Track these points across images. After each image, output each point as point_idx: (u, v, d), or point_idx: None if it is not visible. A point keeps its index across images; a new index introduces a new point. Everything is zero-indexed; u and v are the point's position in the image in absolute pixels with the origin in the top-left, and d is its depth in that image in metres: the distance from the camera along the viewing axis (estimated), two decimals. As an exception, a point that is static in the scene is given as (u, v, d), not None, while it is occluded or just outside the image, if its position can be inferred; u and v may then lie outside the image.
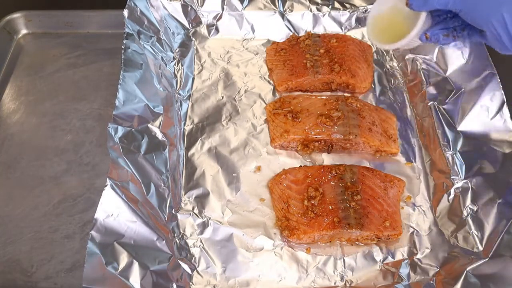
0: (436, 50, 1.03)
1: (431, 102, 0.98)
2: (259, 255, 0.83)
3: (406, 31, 0.80)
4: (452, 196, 0.86)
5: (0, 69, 1.12)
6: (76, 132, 1.01)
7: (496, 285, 0.71)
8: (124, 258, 0.72)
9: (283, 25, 1.15)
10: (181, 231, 0.85)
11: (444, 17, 0.78)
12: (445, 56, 1.02)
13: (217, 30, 1.15)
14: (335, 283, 0.80)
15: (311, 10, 1.14)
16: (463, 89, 0.96)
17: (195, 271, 0.81)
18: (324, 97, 0.99)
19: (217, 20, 1.15)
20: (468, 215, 0.82)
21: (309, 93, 1.05)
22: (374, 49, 1.12)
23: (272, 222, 0.87)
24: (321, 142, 0.94)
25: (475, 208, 0.82)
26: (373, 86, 1.06)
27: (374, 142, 0.93)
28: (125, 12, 1.01)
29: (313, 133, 0.93)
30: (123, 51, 0.96)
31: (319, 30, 1.15)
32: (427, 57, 1.04)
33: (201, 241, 0.84)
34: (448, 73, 1.00)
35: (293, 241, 0.83)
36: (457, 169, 0.88)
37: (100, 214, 0.74)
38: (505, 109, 0.91)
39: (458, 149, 0.90)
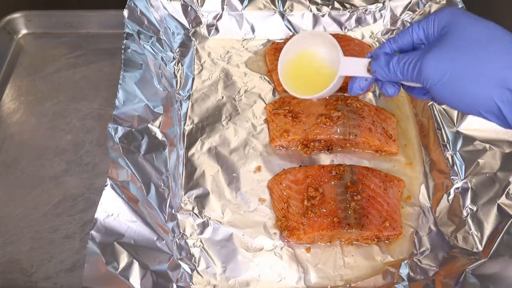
0: (436, 50, 1.03)
1: (431, 102, 0.98)
2: (259, 255, 0.83)
3: (325, 75, 0.76)
4: (452, 196, 0.86)
5: (0, 69, 1.12)
6: (76, 132, 1.01)
7: (495, 285, 0.71)
8: (124, 258, 0.72)
9: (283, 25, 1.15)
10: (181, 231, 0.85)
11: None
12: (445, 56, 1.02)
13: (217, 30, 1.15)
14: (335, 283, 0.80)
15: (311, 10, 1.14)
16: (463, 89, 0.96)
17: (195, 271, 0.81)
18: (324, 97, 1.00)
19: (217, 20, 1.15)
20: (468, 215, 0.82)
21: (309, 93, 1.05)
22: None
23: (272, 222, 0.87)
24: (321, 142, 0.94)
25: (474, 208, 0.82)
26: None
27: (374, 142, 0.93)
28: (125, 12, 1.01)
29: (313, 133, 0.93)
30: (123, 51, 0.96)
31: (319, 30, 1.15)
32: (427, 57, 1.04)
33: (201, 241, 0.84)
34: (448, 73, 1.00)
35: (293, 241, 0.83)
36: (457, 169, 0.88)
37: (100, 214, 0.74)
38: (505, 109, 0.91)
39: (458, 149, 0.90)
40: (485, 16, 0.62)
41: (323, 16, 1.14)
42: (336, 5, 1.14)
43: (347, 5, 1.14)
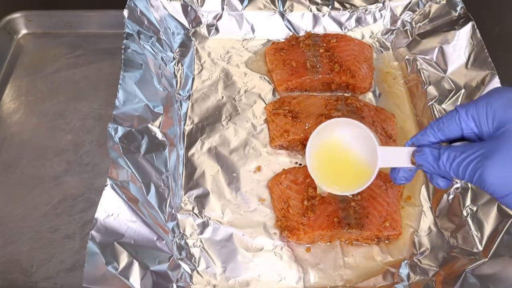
0: (436, 50, 1.03)
1: (431, 102, 0.98)
2: (259, 255, 0.83)
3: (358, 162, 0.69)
4: (451, 196, 0.86)
5: (0, 69, 1.12)
6: (76, 132, 1.01)
7: (495, 286, 0.71)
8: (124, 258, 0.72)
9: (283, 25, 1.15)
10: (181, 231, 0.85)
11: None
12: (445, 56, 1.02)
13: (217, 30, 1.15)
14: (335, 283, 0.80)
15: (311, 10, 1.14)
16: (463, 89, 0.96)
17: (195, 271, 0.81)
18: (324, 97, 1.00)
19: (217, 20, 1.15)
20: (467, 215, 0.82)
21: (309, 93, 1.05)
22: (374, 49, 1.12)
23: (272, 222, 0.87)
24: (321, 142, 0.94)
25: (474, 208, 0.82)
26: (373, 86, 1.07)
27: (374, 142, 0.93)
28: (125, 12, 1.01)
29: (313, 133, 0.93)
30: (123, 51, 0.96)
31: (319, 30, 1.15)
32: (427, 57, 1.04)
33: (201, 241, 0.84)
34: (448, 73, 1.00)
35: (293, 241, 0.83)
36: (457, 169, 0.88)
37: (100, 214, 0.74)
38: (505, 109, 0.91)
39: (458, 149, 0.90)
40: (485, 16, 0.60)
41: (323, 16, 1.14)
42: (336, 5, 1.14)
43: (347, 5, 1.14)
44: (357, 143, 0.69)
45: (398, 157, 0.63)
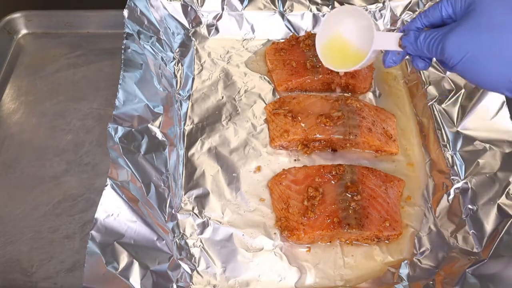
0: (436, 50, 1.03)
1: (431, 102, 0.98)
2: (259, 255, 0.83)
3: (358, 51, 0.82)
4: (451, 196, 0.86)
5: (0, 69, 1.12)
6: (76, 132, 1.01)
7: (495, 286, 0.71)
8: (124, 258, 0.72)
9: (283, 25, 1.15)
10: (181, 231, 0.85)
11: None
12: (445, 56, 1.02)
13: (217, 30, 1.15)
14: (335, 283, 0.80)
15: (311, 10, 1.14)
16: (463, 89, 0.96)
17: (195, 271, 0.81)
18: (324, 97, 0.99)
19: (217, 20, 1.15)
20: (467, 215, 0.82)
21: (309, 93, 1.05)
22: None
23: (272, 222, 0.87)
24: (321, 142, 0.94)
25: (474, 208, 0.82)
26: (373, 86, 1.07)
27: (374, 142, 0.93)
28: (125, 12, 1.01)
29: (313, 133, 0.93)
30: (123, 51, 0.96)
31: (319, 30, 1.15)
32: (427, 57, 1.04)
33: (201, 241, 0.84)
34: (448, 73, 1.00)
35: (293, 241, 0.83)
36: (457, 169, 0.88)
37: (100, 214, 0.74)
38: (505, 109, 0.91)
39: (458, 149, 0.90)
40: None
41: (323, 16, 1.14)
42: (336, 5, 1.14)
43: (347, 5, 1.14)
44: (357, 31, 0.82)
45: (389, 40, 0.73)
